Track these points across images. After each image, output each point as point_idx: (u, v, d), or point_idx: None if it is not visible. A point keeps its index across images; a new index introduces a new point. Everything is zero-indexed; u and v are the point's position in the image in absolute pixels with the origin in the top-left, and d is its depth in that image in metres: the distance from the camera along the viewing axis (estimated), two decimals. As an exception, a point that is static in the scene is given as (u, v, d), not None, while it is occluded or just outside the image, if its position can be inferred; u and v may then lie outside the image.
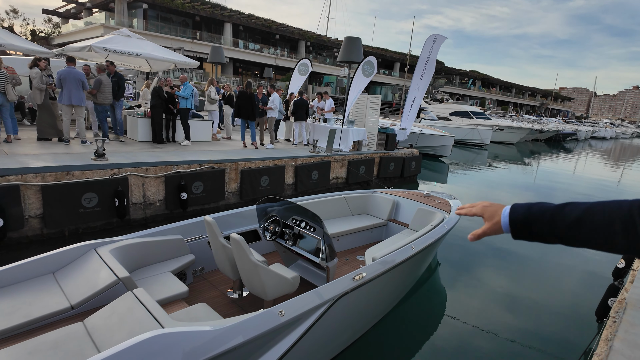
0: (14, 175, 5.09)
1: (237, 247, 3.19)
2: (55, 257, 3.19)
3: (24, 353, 2.23)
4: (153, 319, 2.39)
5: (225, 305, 3.67)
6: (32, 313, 2.65)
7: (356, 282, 3.19)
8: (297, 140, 10.91)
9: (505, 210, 0.98)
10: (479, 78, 67.42)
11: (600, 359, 2.25)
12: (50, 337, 2.37)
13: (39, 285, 2.97)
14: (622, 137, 58.77)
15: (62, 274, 3.14)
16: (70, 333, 2.43)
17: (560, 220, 0.88)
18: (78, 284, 2.99)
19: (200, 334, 2.22)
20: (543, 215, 0.91)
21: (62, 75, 7.11)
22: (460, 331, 4.13)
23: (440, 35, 11.75)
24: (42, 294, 2.88)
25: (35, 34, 34.56)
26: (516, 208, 0.96)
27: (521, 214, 0.94)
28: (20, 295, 2.82)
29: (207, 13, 35.54)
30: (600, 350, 2.37)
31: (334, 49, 46.65)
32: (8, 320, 2.56)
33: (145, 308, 2.49)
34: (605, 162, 23.03)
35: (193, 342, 2.17)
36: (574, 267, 6.26)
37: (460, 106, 30.56)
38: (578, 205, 0.87)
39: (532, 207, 0.94)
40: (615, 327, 2.60)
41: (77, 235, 5.71)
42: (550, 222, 0.89)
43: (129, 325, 2.39)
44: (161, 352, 2.05)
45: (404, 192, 6.37)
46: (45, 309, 2.71)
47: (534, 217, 0.92)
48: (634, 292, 3.14)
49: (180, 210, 6.78)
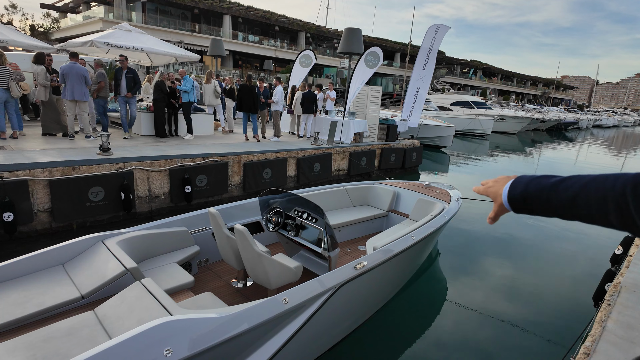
0: (22, 171, 5.19)
1: (241, 237, 3.28)
2: (64, 249, 3.30)
3: (40, 340, 2.34)
4: (161, 307, 2.48)
5: (230, 294, 3.77)
6: (44, 302, 2.76)
7: (358, 271, 3.29)
8: (302, 133, 10.93)
9: (505, 189, 1.01)
10: (480, 68, 66.95)
11: (593, 339, 2.35)
12: (64, 325, 2.48)
13: (49, 276, 3.08)
14: (624, 125, 58.52)
15: (71, 265, 3.25)
16: (82, 321, 2.53)
17: (555, 199, 0.90)
18: (87, 275, 3.09)
19: (208, 321, 2.31)
20: (540, 193, 0.93)
21: (64, 71, 7.16)
22: (461, 317, 4.25)
23: (443, 25, 11.69)
24: (53, 284, 2.98)
25: (34, 29, 34.45)
26: (515, 185, 0.99)
27: (518, 194, 0.97)
28: (32, 286, 2.93)
29: (206, 5, 35.31)
30: (595, 332, 2.47)
31: (334, 40, 46.36)
32: (22, 310, 2.66)
33: (154, 297, 2.58)
34: (607, 151, 23.01)
35: (201, 329, 2.26)
36: (573, 255, 6.36)
37: (462, 96, 30.47)
38: (573, 184, 0.88)
39: (529, 184, 0.96)
40: (609, 309, 2.70)
41: (85, 228, 5.83)
42: (546, 201, 0.92)
43: (139, 313, 2.49)
44: (170, 338, 2.14)
45: (405, 183, 6.45)
46: (57, 299, 2.81)
47: (530, 195, 0.95)
48: (628, 276, 3.23)
49: (184, 203, 6.88)
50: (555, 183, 0.91)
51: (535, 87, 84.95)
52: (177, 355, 2.11)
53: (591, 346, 2.26)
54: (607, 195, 0.81)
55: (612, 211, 0.80)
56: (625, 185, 0.78)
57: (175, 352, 2.11)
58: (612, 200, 0.80)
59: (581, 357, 2.19)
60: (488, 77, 69.64)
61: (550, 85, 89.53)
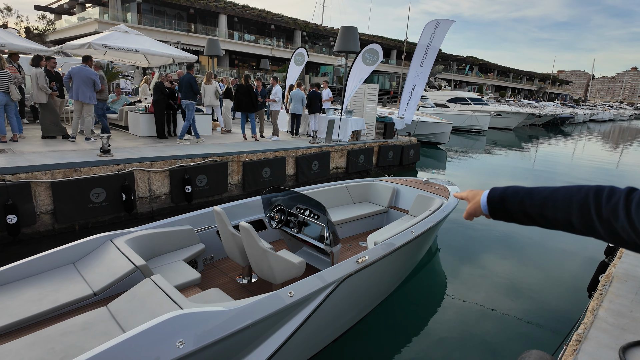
0: (24, 173, 5.25)
1: (247, 234, 3.36)
2: (74, 248, 3.38)
3: (57, 334, 2.42)
4: (172, 302, 2.57)
5: (235, 290, 3.86)
6: (58, 299, 2.84)
7: (360, 265, 3.38)
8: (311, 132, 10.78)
9: (485, 192, 1.15)
10: (476, 64, 67.12)
11: (585, 327, 2.45)
12: (79, 320, 2.56)
13: (61, 275, 3.16)
14: (620, 119, 58.83)
15: (82, 263, 3.33)
16: (96, 316, 2.62)
17: (529, 200, 1.03)
18: (98, 272, 3.17)
19: (218, 314, 2.40)
20: (516, 196, 1.06)
21: (72, 72, 7.27)
22: (460, 309, 4.35)
23: (445, 20, 11.48)
24: (66, 282, 3.06)
25: (29, 31, 34.31)
26: (494, 189, 1.13)
27: (497, 195, 1.11)
28: (45, 284, 3.01)
29: (201, 5, 35.25)
30: (587, 320, 2.56)
31: (330, 38, 46.37)
32: (38, 306, 2.75)
33: (164, 292, 2.66)
34: (603, 145, 23.18)
35: (212, 322, 2.35)
36: (570, 249, 6.47)
37: (458, 93, 30.58)
38: (545, 189, 1.01)
39: (507, 189, 1.10)
40: (601, 298, 2.80)
41: (87, 229, 5.89)
42: (520, 202, 1.04)
43: (150, 307, 2.57)
44: (182, 331, 2.22)
45: (404, 180, 6.54)
46: (70, 296, 2.89)
47: (507, 197, 1.08)
48: (620, 266, 3.33)
49: (185, 203, 6.96)
50: (530, 188, 1.06)
51: (532, 82, 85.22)
52: (189, 346, 2.20)
53: (583, 333, 2.35)
54: (572, 199, 0.93)
55: (575, 211, 0.92)
56: (589, 192, 0.91)
57: (188, 344, 2.20)
58: (576, 203, 0.92)
59: (573, 343, 2.29)
60: (484, 73, 69.84)
61: (546, 80, 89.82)
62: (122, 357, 2.00)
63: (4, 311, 2.66)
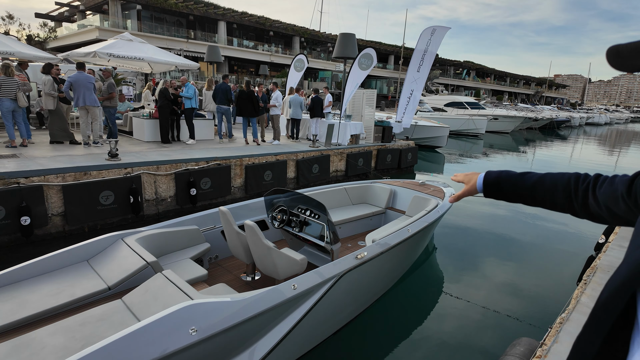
0: (37, 177, 5.46)
1: (251, 232, 3.57)
2: (87, 246, 3.58)
3: (76, 324, 2.62)
4: (183, 294, 2.77)
5: (240, 287, 4.06)
6: (75, 293, 3.03)
7: (358, 261, 3.59)
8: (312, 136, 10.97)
9: (481, 175, 1.36)
10: (473, 68, 67.67)
11: (569, 311, 2.66)
12: (96, 312, 2.76)
13: (76, 271, 3.36)
14: (616, 122, 59.29)
15: (95, 261, 3.53)
16: (112, 308, 2.82)
17: (521, 182, 1.24)
18: (111, 269, 3.37)
19: (228, 304, 2.60)
20: (510, 178, 1.27)
21: (72, 80, 7.44)
22: (455, 305, 4.55)
23: (441, 26, 11.75)
24: (81, 278, 3.26)
25: (31, 39, 34.63)
26: (490, 172, 1.34)
27: (493, 177, 1.31)
28: (62, 280, 3.21)
29: (200, 12, 35.67)
30: (571, 306, 2.78)
31: (329, 44, 46.81)
32: (56, 300, 2.94)
33: (176, 285, 2.86)
34: (599, 148, 23.47)
35: (221, 311, 2.54)
36: (562, 247, 6.69)
37: (455, 97, 30.92)
38: (535, 174, 1.23)
39: (502, 172, 1.31)
40: (585, 287, 3.02)
41: (96, 230, 6.09)
42: (514, 184, 1.25)
43: (163, 299, 2.77)
44: (194, 319, 2.42)
45: (401, 182, 6.76)
46: (86, 290, 3.09)
47: (502, 180, 1.29)
48: (605, 259, 3.55)
49: (190, 205, 7.16)
50: (522, 173, 1.28)
51: (529, 86, 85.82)
52: (201, 333, 2.40)
53: (565, 316, 2.57)
54: (557, 183, 1.16)
55: (560, 193, 1.14)
56: (570, 177, 1.15)
57: (200, 331, 2.39)
58: (560, 186, 1.15)
59: (557, 326, 2.50)
60: (481, 77, 70.35)
61: (543, 84, 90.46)
62: (140, 342, 2.18)
63: (24, 304, 2.84)
